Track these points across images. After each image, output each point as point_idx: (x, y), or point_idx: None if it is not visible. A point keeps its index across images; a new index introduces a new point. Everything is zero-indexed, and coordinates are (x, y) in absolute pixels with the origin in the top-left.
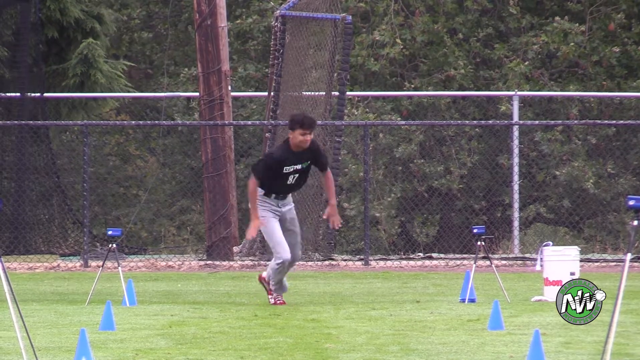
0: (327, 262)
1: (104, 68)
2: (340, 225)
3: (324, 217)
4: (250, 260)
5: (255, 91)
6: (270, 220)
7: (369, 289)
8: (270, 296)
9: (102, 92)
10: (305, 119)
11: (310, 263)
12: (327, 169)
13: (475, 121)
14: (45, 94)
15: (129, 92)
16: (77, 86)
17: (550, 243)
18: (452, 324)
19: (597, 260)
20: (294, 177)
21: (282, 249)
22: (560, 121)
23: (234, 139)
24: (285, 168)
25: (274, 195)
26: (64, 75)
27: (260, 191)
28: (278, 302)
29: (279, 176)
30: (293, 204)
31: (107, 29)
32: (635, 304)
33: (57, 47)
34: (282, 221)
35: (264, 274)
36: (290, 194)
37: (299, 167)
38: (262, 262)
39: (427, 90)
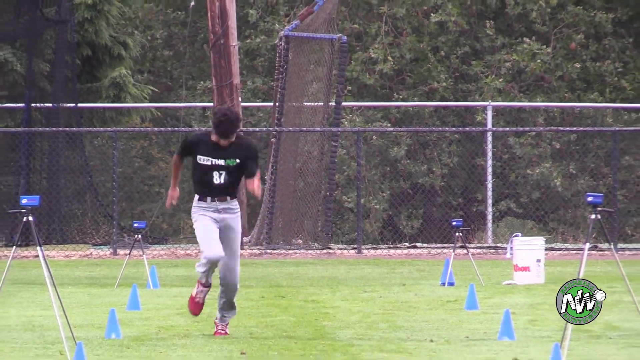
0: (324, 251)
1: (133, 92)
2: (258, 194)
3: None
4: (258, 249)
5: (262, 102)
6: (200, 217)
7: (361, 274)
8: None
9: (129, 111)
10: (222, 124)
11: (310, 252)
12: (253, 176)
13: (454, 128)
14: (79, 105)
15: (153, 104)
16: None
17: (519, 234)
18: (434, 304)
19: (559, 249)
20: (220, 175)
21: (207, 247)
22: (528, 128)
23: None
24: (199, 157)
25: (209, 198)
26: (98, 94)
27: (196, 196)
28: (194, 302)
29: (200, 170)
30: (238, 215)
31: (131, 53)
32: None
33: (89, 65)
34: (221, 230)
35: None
36: (229, 199)
37: (221, 162)
38: (267, 250)
39: (412, 101)
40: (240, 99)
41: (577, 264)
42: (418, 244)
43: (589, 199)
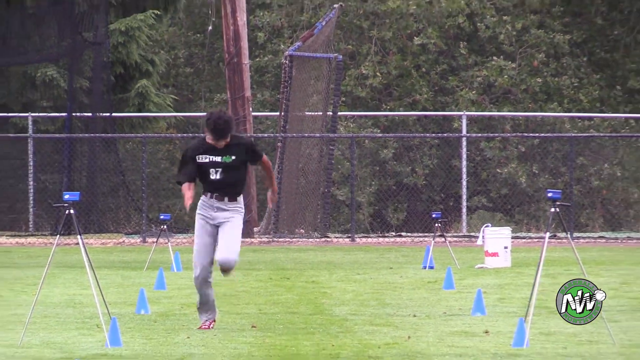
0: (323, 239)
1: (155, 100)
2: (275, 202)
3: (269, 201)
4: (266, 237)
5: (270, 112)
6: (198, 226)
7: (354, 259)
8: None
9: (155, 117)
10: (216, 126)
11: (310, 240)
12: (261, 158)
13: (434, 134)
14: (113, 114)
15: (177, 113)
16: (136, 112)
17: (490, 225)
18: (416, 284)
19: (524, 238)
20: (216, 171)
21: (197, 262)
22: (497, 134)
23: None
24: (198, 157)
25: (209, 194)
26: (126, 103)
27: (202, 196)
28: (204, 326)
29: (201, 169)
30: (238, 214)
31: (158, 69)
32: (552, 269)
33: (122, 80)
34: (219, 226)
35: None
36: (228, 197)
37: (218, 159)
38: (274, 239)
39: (398, 111)
40: (251, 109)
41: (539, 250)
42: (403, 233)
43: (549, 194)
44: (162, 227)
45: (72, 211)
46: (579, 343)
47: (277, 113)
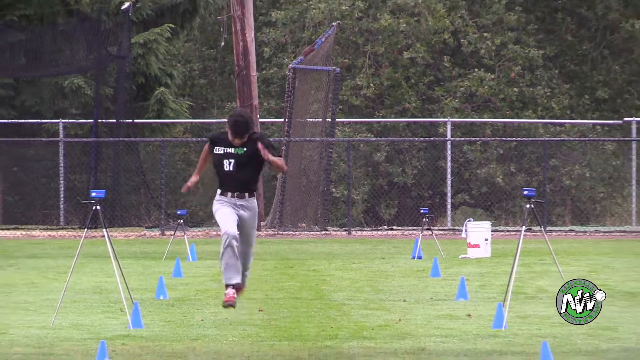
0: (323, 232)
1: (172, 106)
2: (267, 157)
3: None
4: (272, 230)
5: (275, 118)
6: (219, 206)
7: (351, 250)
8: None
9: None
10: (236, 124)
11: (311, 233)
12: (262, 141)
13: (422, 138)
14: (135, 120)
15: (192, 120)
16: (154, 118)
17: (472, 219)
18: (406, 273)
19: (502, 231)
20: (229, 163)
21: (226, 224)
22: (478, 138)
23: None
24: (216, 148)
25: (228, 193)
26: (147, 110)
27: (217, 192)
28: (226, 299)
29: (216, 160)
30: (254, 211)
31: (175, 81)
32: (527, 259)
33: (143, 90)
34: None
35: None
36: (246, 196)
37: (231, 150)
38: (279, 232)
39: (390, 117)
40: (258, 116)
41: (516, 242)
42: (394, 227)
43: (525, 192)
44: (179, 221)
45: (98, 207)
46: (552, 325)
47: (282, 119)
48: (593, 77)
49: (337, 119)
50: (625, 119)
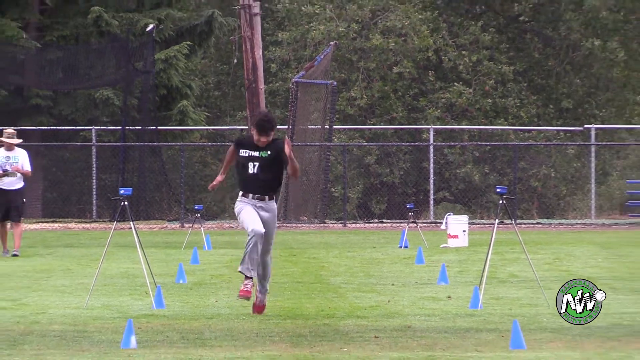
0: (322, 225)
1: (192, 116)
2: (289, 147)
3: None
4: (277, 223)
5: (280, 125)
6: (242, 206)
7: (346, 240)
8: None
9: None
10: (262, 122)
11: (312, 225)
12: (284, 147)
13: (408, 143)
14: (158, 127)
15: (208, 127)
16: (177, 126)
17: (451, 213)
18: (394, 260)
19: (478, 223)
20: (254, 166)
21: (252, 223)
22: (457, 142)
23: None
24: (241, 151)
25: (250, 194)
26: (170, 119)
27: (239, 194)
28: (244, 291)
29: (240, 163)
30: (274, 214)
31: (193, 92)
32: (500, 249)
33: (165, 100)
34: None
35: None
36: (267, 199)
37: (255, 154)
38: (284, 224)
39: (380, 125)
40: None
41: (490, 233)
42: (384, 220)
43: (498, 190)
44: (196, 215)
45: (126, 203)
46: (522, 306)
47: (286, 126)
48: (557, 90)
49: (334, 126)
50: (586, 126)
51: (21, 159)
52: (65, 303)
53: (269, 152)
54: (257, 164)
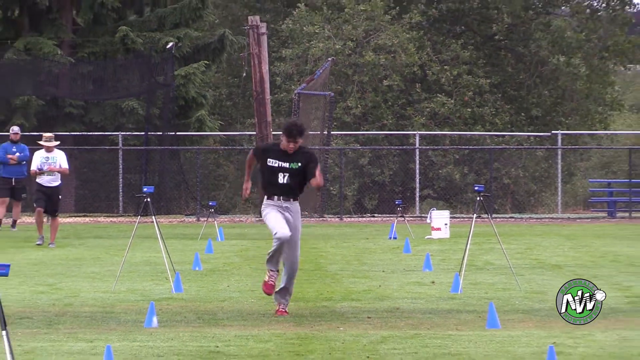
0: (321, 218)
1: (208, 124)
2: (320, 184)
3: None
4: None
5: None
6: (269, 210)
7: (342, 232)
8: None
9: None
10: (290, 127)
11: (312, 219)
12: (313, 177)
13: (397, 147)
14: (177, 133)
15: (221, 133)
16: (196, 132)
17: (435, 208)
18: (385, 250)
19: (458, 217)
20: (284, 176)
21: (279, 227)
22: (439, 146)
23: None
24: (269, 160)
25: (275, 197)
26: (189, 126)
27: (265, 197)
28: (267, 285)
29: (269, 171)
30: (298, 214)
31: (208, 102)
32: (477, 240)
33: (183, 110)
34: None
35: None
36: (292, 200)
37: (286, 165)
38: None
39: (372, 131)
40: (271, 130)
41: (469, 226)
42: (375, 215)
43: (475, 188)
44: (210, 210)
45: (148, 199)
46: (497, 290)
47: None
48: (528, 100)
49: (332, 132)
50: (553, 132)
51: (59, 159)
52: (95, 287)
53: (299, 164)
54: (287, 174)
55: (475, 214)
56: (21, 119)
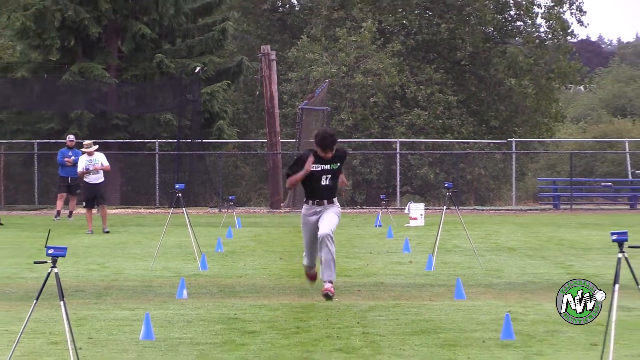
0: None
1: (227, 132)
2: (347, 185)
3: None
4: (288, 208)
5: (290, 139)
6: (304, 228)
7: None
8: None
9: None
10: (323, 140)
11: None
12: (344, 160)
13: (381, 151)
14: (203, 141)
15: (238, 140)
16: (217, 139)
17: (412, 202)
18: (371, 235)
19: (431, 209)
20: (326, 178)
21: (306, 255)
22: (416, 151)
23: (281, 159)
24: (312, 166)
25: (310, 201)
26: (211, 134)
27: (304, 203)
28: (309, 274)
29: (312, 176)
30: (334, 207)
31: (228, 115)
32: (447, 227)
33: (208, 122)
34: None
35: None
36: (326, 202)
37: (327, 167)
38: (293, 209)
39: (362, 139)
40: (279, 138)
41: (440, 216)
42: (364, 207)
43: (446, 184)
44: (230, 203)
45: (179, 194)
46: (462, 268)
47: (294, 140)
48: (487, 113)
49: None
50: (508, 139)
51: (100, 159)
52: (136, 266)
53: (338, 164)
54: (329, 176)
55: (445, 206)
56: (75, 129)
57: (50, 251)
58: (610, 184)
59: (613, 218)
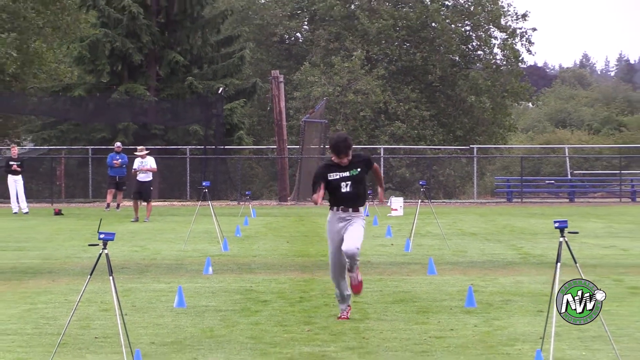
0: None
1: (245, 140)
2: (381, 199)
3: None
4: (293, 202)
5: (295, 146)
6: (330, 239)
7: None
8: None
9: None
10: (336, 146)
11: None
12: (373, 164)
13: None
14: (225, 147)
15: (253, 146)
16: (236, 146)
17: (393, 196)
18: None
19: (409, 202)
20: (347, 184)
21: (331, 271)
22: (398, 155)
23: (287, 162)
24: (329, 175)
25: (335, 207)
26: (231, 142)
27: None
28: (342, 317)
29: (332, 185)
30: (359, 219)
31: (245, 126)
32: (422, 217)
33: (229, 131)
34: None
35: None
36: (352, 208)
37: (346, 174)
38: (297, 202)
39: (356, 145)
40: (286, 145)
41: (415, 208)
42: None
43: (420, 182)
44: (247, 197)
45: (206, 190)
46: (434, 249)
47: (299, 146)
48: (454, 125)
49: (326, 147)
50: (471, 146)
51: (149, 162)
52: (171, 248)
53: (359, 170)
54: (349, 182)
55: (420, 200)
56: (122, 137)
57: (102, 236)
58: (553, 181)
59: (555, 209)
